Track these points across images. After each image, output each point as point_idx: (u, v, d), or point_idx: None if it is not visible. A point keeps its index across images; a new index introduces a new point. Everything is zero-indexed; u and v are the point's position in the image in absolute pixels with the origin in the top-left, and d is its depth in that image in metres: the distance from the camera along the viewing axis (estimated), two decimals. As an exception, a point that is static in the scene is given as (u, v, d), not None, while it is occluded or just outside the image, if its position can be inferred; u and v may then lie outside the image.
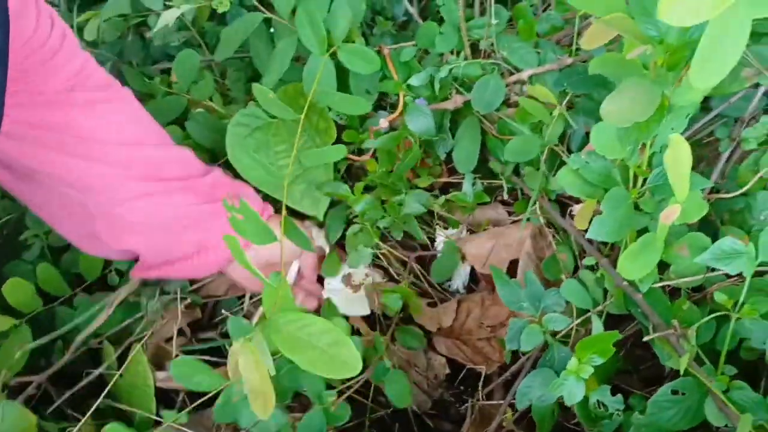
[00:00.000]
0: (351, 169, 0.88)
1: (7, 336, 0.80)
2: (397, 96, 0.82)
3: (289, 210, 0.74)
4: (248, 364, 0.54)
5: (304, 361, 0.53)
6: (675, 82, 0.51)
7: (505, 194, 0.83)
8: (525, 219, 0.79)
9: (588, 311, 0.68)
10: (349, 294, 0.83)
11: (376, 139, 0.81)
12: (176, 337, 0.81)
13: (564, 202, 0.80)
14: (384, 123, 0.81)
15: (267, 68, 0.84)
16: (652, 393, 0.61)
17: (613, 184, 0.63)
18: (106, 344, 0.81)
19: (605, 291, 0.69)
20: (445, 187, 0.88)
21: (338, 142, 0.82)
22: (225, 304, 0.88)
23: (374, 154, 0.84)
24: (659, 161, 0.59)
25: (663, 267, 0.63)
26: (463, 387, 0.83)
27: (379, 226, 0.81)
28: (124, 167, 0.69)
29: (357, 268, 0.83)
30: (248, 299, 0.86)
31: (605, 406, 0.63)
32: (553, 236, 0.79)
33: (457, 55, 0.82)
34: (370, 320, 0.85)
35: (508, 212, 0.86)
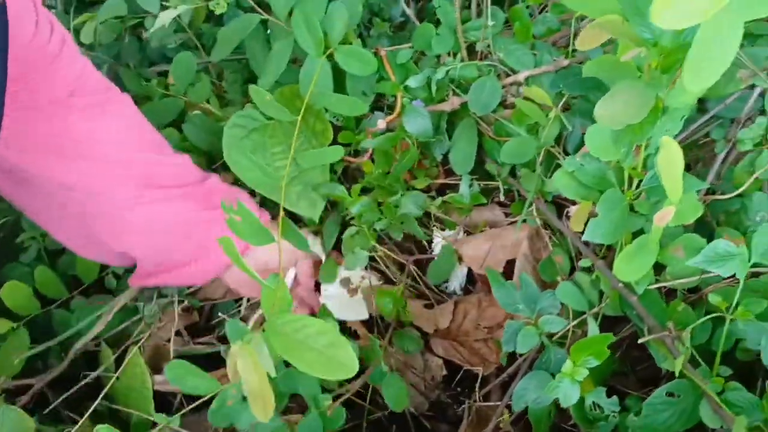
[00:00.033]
0: (348, 171, 0.88)
1: (5, 339, 0.80)
2: (394, 97, 0.82)
3: (285, 214, 0.74)
4: (247, 366, 0.54)
5: (302, 363, 0.53)
6: (669, 85, 0.51)
7: (502, 196, 0.83)
8: (521, 220, 0.79)
9: (584, 313, 0.68)
10: (347, 299, 0.83)
11: (373, 141, 0.81)
12: (173, 340, 0.81)
13: (560, 203, 0.80)
14: (381, 124, 0.81)
15: (264, 70, 0.84)
16: (648, 394, 0.61)
17: (608, 186, 0.63)
18: (104, 347, 0.81)
19: (601, 293, 0.69)
20: (442, 189, 0.88)
21: (335, 144, 0.82)
22: (222, 308, 0.88)
23: (371, 156, 0.84)
24: (654, 163, 0.59)
25: (659, 268, 0.63)
26: (460, 388, 0.83)
27: (376, 228, 0.81)
28: (125, 167, 0.70)
29: (354, 270, 0.83)
30: (245, 302, 0.86)
31: (601, 408, 0.64)
32: (550, 238, 0.79)
33: (454, 57, 0.82)
34: (368, 323, 0.85)
35: (505, 214, 0.86)
